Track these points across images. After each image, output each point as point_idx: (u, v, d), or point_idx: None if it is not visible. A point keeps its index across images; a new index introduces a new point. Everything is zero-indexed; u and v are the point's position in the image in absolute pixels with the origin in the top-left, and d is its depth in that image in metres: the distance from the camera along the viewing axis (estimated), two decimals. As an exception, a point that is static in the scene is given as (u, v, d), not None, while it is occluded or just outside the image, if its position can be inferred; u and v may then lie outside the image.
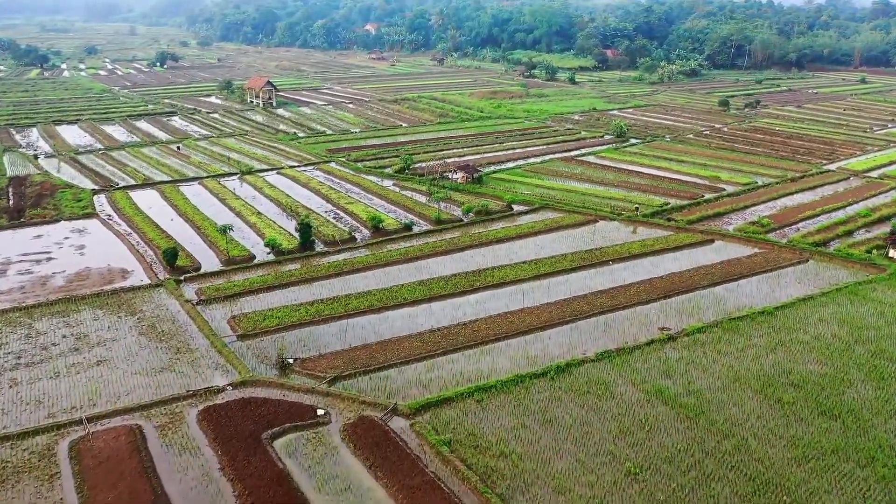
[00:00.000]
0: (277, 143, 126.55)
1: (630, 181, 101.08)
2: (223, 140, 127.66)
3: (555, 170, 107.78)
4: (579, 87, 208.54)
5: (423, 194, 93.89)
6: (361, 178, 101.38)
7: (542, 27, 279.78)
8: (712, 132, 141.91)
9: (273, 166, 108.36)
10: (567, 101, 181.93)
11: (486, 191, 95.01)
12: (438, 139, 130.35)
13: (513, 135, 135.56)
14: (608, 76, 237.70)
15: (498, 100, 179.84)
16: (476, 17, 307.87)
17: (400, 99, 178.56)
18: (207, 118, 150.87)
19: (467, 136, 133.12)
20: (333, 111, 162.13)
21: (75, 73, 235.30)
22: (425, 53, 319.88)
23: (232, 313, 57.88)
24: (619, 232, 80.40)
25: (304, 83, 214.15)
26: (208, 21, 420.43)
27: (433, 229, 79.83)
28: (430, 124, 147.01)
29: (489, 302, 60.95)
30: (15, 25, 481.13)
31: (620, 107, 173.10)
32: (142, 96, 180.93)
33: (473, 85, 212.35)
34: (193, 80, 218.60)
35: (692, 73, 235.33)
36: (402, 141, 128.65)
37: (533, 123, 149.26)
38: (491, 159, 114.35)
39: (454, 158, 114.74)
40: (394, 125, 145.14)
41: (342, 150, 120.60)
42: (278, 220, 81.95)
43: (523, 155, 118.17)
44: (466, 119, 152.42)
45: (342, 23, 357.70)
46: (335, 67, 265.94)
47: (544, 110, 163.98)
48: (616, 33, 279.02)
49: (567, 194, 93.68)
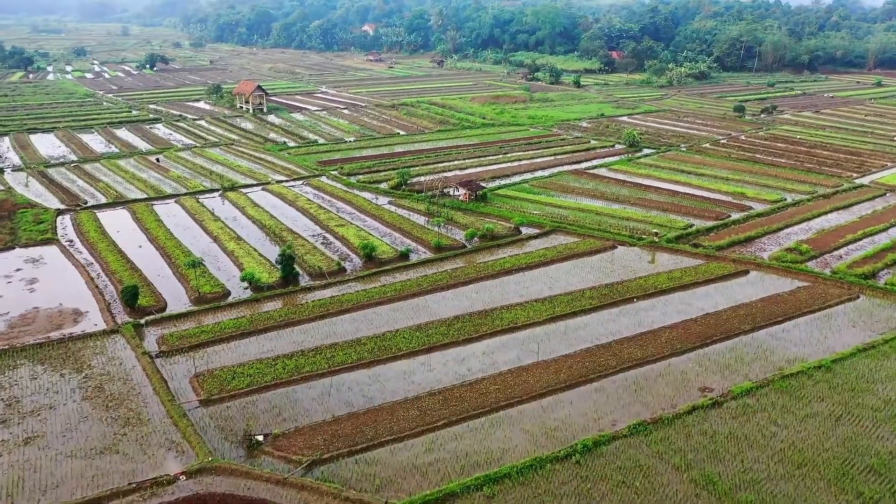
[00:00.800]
0: (265, 153, 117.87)
1: (647, 198, 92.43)
2: (207, 151, 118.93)
3: (565, 185, 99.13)
4: (585, 91, 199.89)
5: (421, 214, 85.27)
6: (354, 196, 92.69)
7: (546, 28, 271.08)
8: (730, 141, 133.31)
9: (258, 181, 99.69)
10: (573, 106, 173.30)
11: (490, 210, 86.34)
12: (438, 149, 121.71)
13: (518, 144, 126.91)
14: (614, 79, 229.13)
15: (501, 105, 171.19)
16: (477, 17, 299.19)
17: (397, 104, 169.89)
18: (193, 126, 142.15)
19: (469, 146, 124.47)
20: (327, 117, 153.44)
21: (60, 77, 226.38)
22: (424, 55, 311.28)
23: (196, 369, 49.18)
24: (640, 260, 71.74)
25: (298, 87, 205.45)
26: (202, 21, 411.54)
27: (432, 258, 71.12)
28: (430, 132, 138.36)
29: (498, 353, 52.30)
30: (6, 26, 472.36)
31: (630, 112, 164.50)
32: (126, 101, 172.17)
33: (474, 88, 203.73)
34: (183, 84, 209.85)
35: (701, 76, 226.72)
36: (400, 152, 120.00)
37: (539, 131, 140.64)
38: (495, 172, 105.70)
39: (455, 171, 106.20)
40: (390, 133, 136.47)
41: (334, 161, 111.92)
42: (260, 247, 73.27)
43: (530, 167, 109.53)
44: (468, 126, 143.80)
45: (339, 23, 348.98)
46: (331, 70, 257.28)
47: (550, 116, 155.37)
48: (621, 34, 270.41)
49: (580, 214, 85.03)
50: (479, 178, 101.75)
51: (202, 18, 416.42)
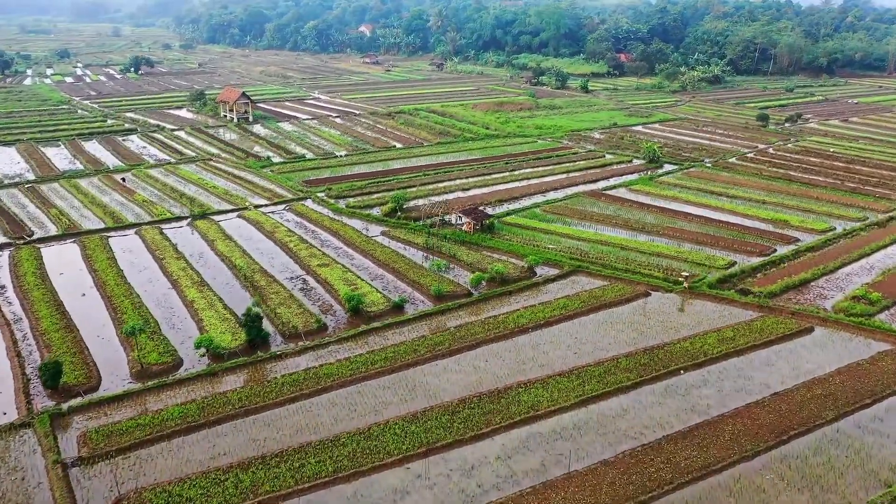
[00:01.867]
0: (246, 171, 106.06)
1: (677, 227, 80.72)
2: (181, 168, 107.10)
3: (581, 210, 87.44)
4: (594, 97, 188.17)
5: (418, 249, 73.63)
6: (342, 225, 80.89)
7: (550, 30, 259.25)
8: (758, 155, 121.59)
9: (234, 206, 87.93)
10: (582, 114, 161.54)
11: (498, 244, 74.60)
12: (438, 166, 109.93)
13: (525, 159, 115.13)
14: (623, 83, 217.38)
15: (505, 113, 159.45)
16: (477, 18, 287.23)
17: (394, 112, 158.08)
18: (171, 137, 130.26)
19: (472, 162, 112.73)
20: (317, 127, 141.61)
21: (38, 81, 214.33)
22: (423, 57, 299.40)
23: (120, 489, 37.40)
24: (680, 313, 60.03)
25: (289, 92, 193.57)
26: (195, 22, 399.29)
27: (432, 310, 59.37)
28: (429, 145, 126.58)
29: (516, 457, 40.60)
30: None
31: (644, 121, 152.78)
32: (103, 109, 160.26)
33: (476, 94, 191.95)
34: (166, 90, 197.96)
35: (715, 80, 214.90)
36: (396, 168, 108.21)
37: (547, 144, 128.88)
38: (502, 194, 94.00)
39: (457, 193, 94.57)
40: (386, 146, 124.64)
41: (322, 181, 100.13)
42: (227, 294, 61.56)
43: (540, 188, 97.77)
44: (470, 138, 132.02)
45: (335, 24, 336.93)
46: (325, 73, 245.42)
47: (558, 126, 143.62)
48: (629, 36, 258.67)
49: (602, 249, 73.35)
50: (483, 201, 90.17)
51: (194, 19, 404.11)
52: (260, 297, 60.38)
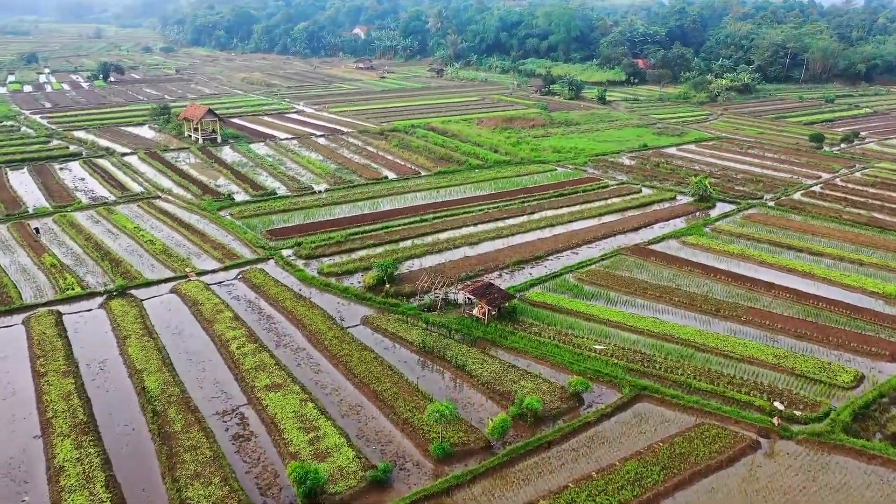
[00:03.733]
0: (199, 214, 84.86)
1: (763, 308, 59.79)
2: (118, 211, 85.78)
3: (627, 277, 66.42)
4: (613, 110, 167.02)
5: (413, 351, 52.61)
6: (309, 308, 59.54)
7: (560, 32, 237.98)
8: (826, 188, 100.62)
9: (172, 272, 66.74)
10: (604, 131, 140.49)
11: (525, 343, 53.56)
12: (439, 206, 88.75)
13: (546, 196, 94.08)
14: (643, 93, 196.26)
15: (515, 130, 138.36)
16: (480, 19, 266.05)
17: (387, 130, 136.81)
18: (119, 164, 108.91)
19: (481, 200, 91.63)
20: (296, 151, 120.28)
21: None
22: (421, 61, 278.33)
23: None
24: (809, 480, 39.02)
25: (271, 104, 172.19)
26: (180, 23, 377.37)
27: (431, 490, 38.14)
28: (427, 175, 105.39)
29: None
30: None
31: (678, 142, 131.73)
32: (52, 126, 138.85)
33: (481, 106, 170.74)
34: (133, 100, 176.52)
35: (744, 90, 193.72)
36: (386, 211, 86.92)
37: (569, 172, 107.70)
38: (521, 251, 72.91)
39: (464, 249, 73.65)
40: (375, 176, 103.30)
41: (292, 231, 78.91)
42: (120, 453, 40.43)
43: (569, 240, 76.68)
44: (477, 166, 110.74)
45: (327, 25, 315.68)
46: (314, 80, 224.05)
47: (579, 148, 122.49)
48: (645, 39, 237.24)
49: (668, 349, 52.47)
50: (498, 262, 69.27)
51: (180, 20, 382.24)
52: (166, 458, 39.26)
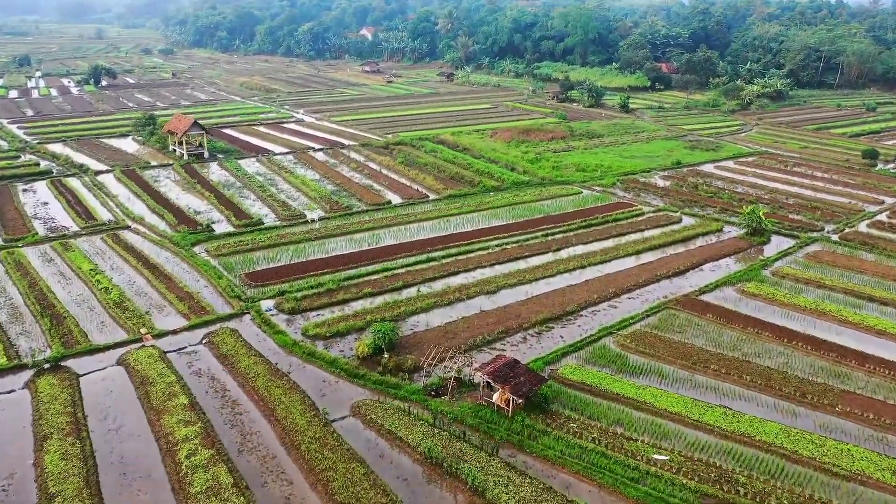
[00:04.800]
0: (170, 250, 72.79)
1: (871, 400, 47.31)
2: (76, 246, 73.72)
3: (681, 345, 53.91)
4: (638, 119, 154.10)
5: (417, 461, 40.31)
6: (286, 390, 47.17)
7: (577, 34, 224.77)
8: (893, 216, 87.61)
9: (124, 333, 54.63)
10: (630, 145, 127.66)
11: (560, 450, 41.20)
12: (449, 240, 76.26)
13: (573, 226, 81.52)
14: (668, 99, 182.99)
15: (533, 143, 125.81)
16: (493, 21, 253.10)
17: (392, 143, 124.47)
18: (92, 185, 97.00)
19: (498, 232, 79.11)
20: (291, 168, 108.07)
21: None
22: (430, 65, 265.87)
23: None
24: None
25: (268, 112, 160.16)
26: (182, 24, 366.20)
27: None
28: (436, 199, 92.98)
29: None
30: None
31: (714, 157, 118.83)
32: (28, 137, 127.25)
33: (495, 115, 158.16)
34: (122, 108, 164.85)
35: (777, 96, 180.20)
36: (388, 247, 74.50)
37: (597, 196, 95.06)
38: (549, 304, 60.50)
39: (479, 300, 61.33)
40: (377, 201, 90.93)
41: (276, 273, 66.68)
42: None
43: (605, 288, 64.17)
44: (493, 187, 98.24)
45: (333, 27, 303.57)
46: (317, 85, 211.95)
47: (606, 166, 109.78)
48: (667, 42, 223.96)
49: (749, 460, 39.96)
50: (522, 319, 56.95)
51: (182, 20, 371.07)
52: None
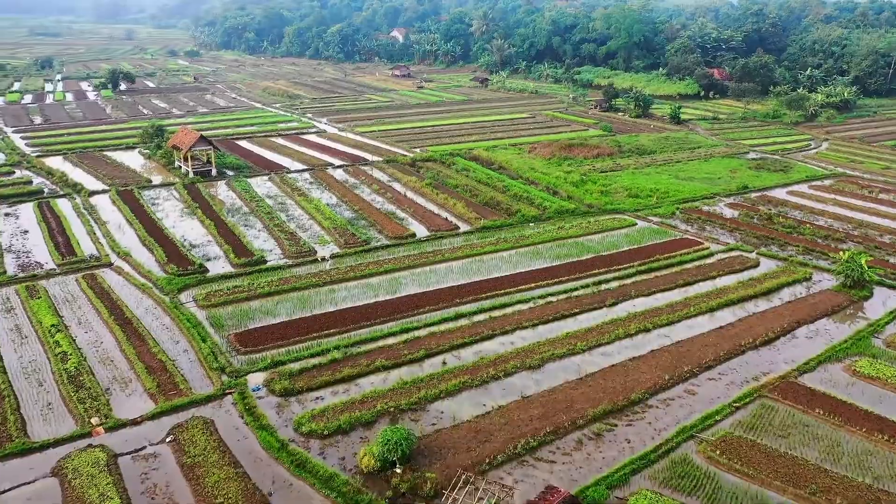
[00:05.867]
0: (154, 296, 61.45)
1: None
2: (44, 291, 62.77)
3: (788, 460, 40.76)
4: (691, 132, 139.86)
5: None
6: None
7: (621, 37, 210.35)
8: None
9: (73, 421, 43.14)
10: (686, 163, 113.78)
11: None
12: (481, 289, 63.69)
13: (628, 271, 68.37)
14: (723, 108, 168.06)
15: (576, 161, 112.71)
16: (530, 23, 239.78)
17: (419, 160, 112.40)
18: (82, 209, 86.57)
19: (538, 277, 66.33)
20: (305, 189, 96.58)
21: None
22: (464, 68, 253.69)
23: None
24: None
25: (288, 122, 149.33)
26: (211, 24, 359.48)
27: None
28: (468, 231, 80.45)
29: None
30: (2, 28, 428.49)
31: (784, 180, 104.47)
32: (28, 149, 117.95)
33: (533, 126, 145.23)
34: (136, 115, 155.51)
35: (843, 106, 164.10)
36: (408, 297, 62.16)
37: (653, 230, 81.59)
38: (608, 392, 47.69)
39: (519, 379, 48.67)
40: (399, 233, 78.68)
41: (273, 334, 54.82)
42: None
43: (675, 362, 51.13)
44: (532, 217, 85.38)
45: (363, 28, 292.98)
46: (344, 90, 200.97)
47: (661, 190, 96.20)
48: (719, 45, 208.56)
49: None
50: (573, 408, 44.44)
51: (211, 21, 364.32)
52: None
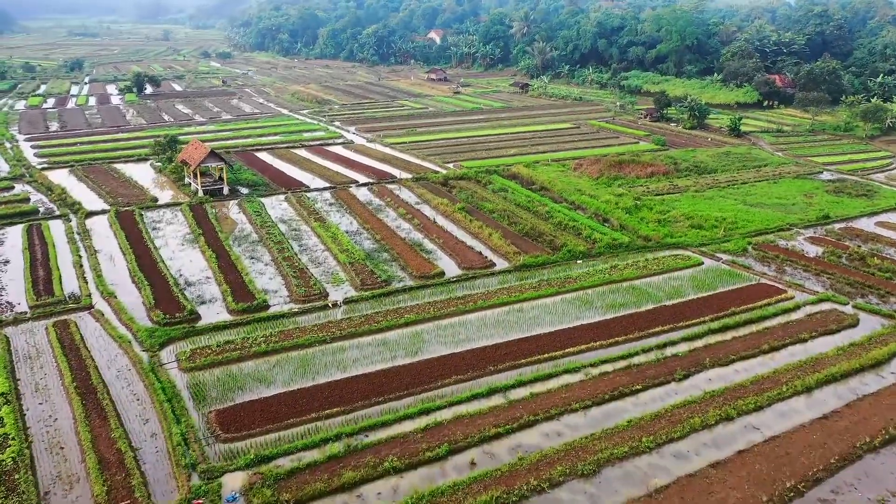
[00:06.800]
0: (131, 353, 51.60)
1: None
2: (6, 342, 53.40)
3: None
4: (753, 146, 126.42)
5: None
6: None
7: (672, 40, 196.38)
8: None
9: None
10: (752, 184, 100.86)
11: None
12: (519, 351, 52.37)
13: (699, 332, 56.33)
14: (786, 119, 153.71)
15: (627, 180, 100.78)
16: (574, 25, 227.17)
17: (453, 179, 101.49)
18: (76, 233, 77.77)
19: (588, 335, 54.70)
20: (324, 212, 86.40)
21: (8, 103, 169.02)
22: (503, 72, 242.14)
23: None
24: None
25: (314, 130, 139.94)
26: (246, 25, 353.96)
27: None
28: (505, 270, 69.15)
29: None
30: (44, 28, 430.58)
31: (870, 207, 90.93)
32: (36, 159, 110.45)
33: (577, 137, 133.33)
34: (156, 122, 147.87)
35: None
36: (430, 361, 51.11)
37: (725, 271, 69.18)
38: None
39: (573, 493, 37.17)
40: (424, 271, 67.74)
41: (263, 414, 44.43)
42: None
43: (774, 475, 39.05)
44: (581, 254, 73.63)
45: (399, 29, 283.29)
46: (376, 95, 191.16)
47: (728, 220, 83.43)
48: (779, 49, 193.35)
49: None
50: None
51: (246, 21, 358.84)
52: None
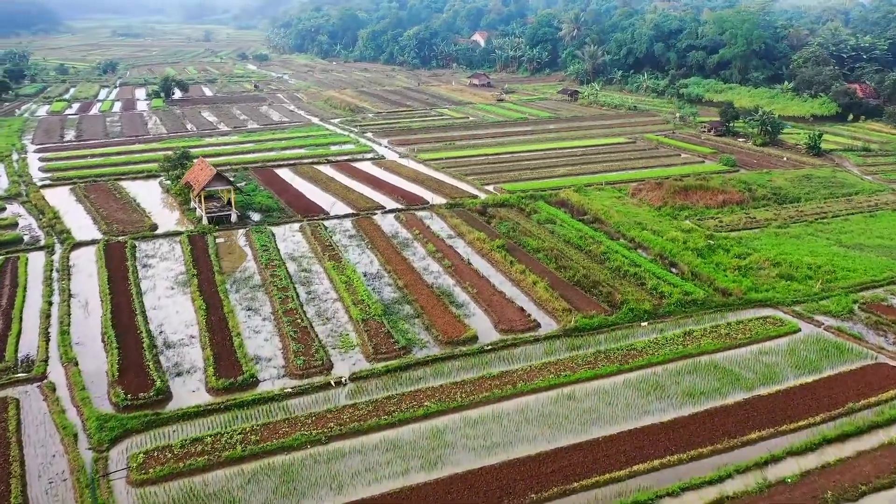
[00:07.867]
0: (66, 456, 40.34)
1: None
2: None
3: None
4: (838, 167, 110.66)
5: None
6: None
7: (737, 44, 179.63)
8: None
9: None
10: (847, 218, 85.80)
11: None
12: (569, 466, 39.47)
13: (809, 442, 42.62)
14: (870, 135, 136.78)
15: (696, 210, 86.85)
16: (628, 27, 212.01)
17: (492, 206, 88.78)
18: (55, 270, 67.63)
19: (658, 438, 41.46)
20: (341, 248, 74.59)
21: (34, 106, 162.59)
22: (551, 77, 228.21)
23: None
24: None
25: (343, 142, 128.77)
26: (286, 26, 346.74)
27: None
28: (551, 334, 56.10)
29: None
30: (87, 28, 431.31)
31: None
32: (39, 174, 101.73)
33: (634, 154, 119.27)
34: (178, 131, 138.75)
35: None
36: (454, 477, 38.64)
37: (829, 343, 55.10)
38: None
39: None
40: (454, 335, 55.28)
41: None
42: None
43: None
44: (646, 313, 60.09)
45: (441, 31, 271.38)
46: (414, 102, 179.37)
47: (821, 267, 68.94)
48: (857, 55, 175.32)
49: None
50: None
51: (286, 22, 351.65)
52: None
